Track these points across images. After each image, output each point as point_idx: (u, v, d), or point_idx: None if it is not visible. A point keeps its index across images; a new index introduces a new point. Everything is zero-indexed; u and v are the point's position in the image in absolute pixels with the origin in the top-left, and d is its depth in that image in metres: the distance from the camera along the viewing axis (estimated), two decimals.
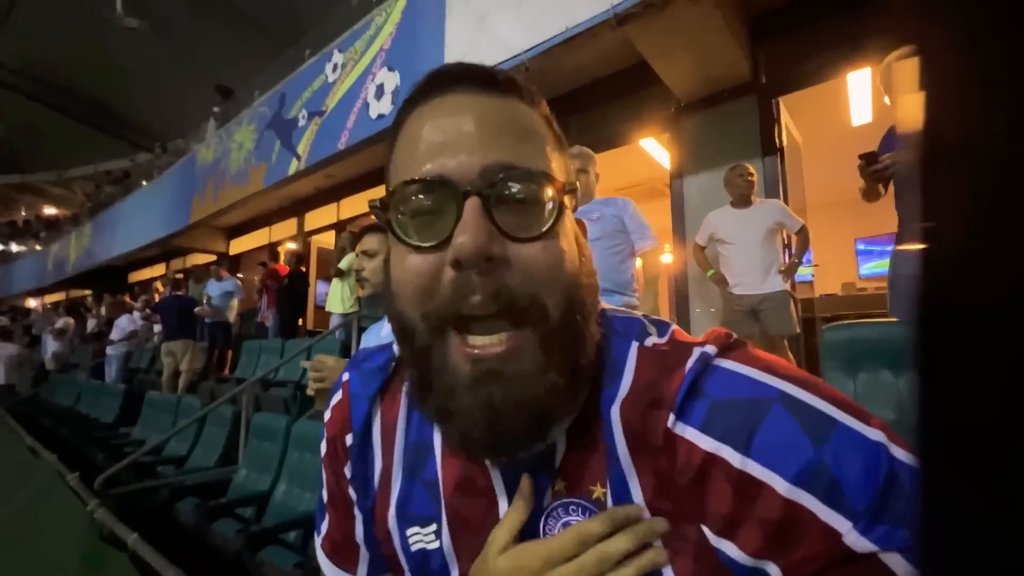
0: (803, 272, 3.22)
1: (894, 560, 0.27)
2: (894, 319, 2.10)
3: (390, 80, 4.01)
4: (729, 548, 0.31)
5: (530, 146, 0.35)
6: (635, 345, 0.38)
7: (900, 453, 0.29)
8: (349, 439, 0.45)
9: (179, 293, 5.57)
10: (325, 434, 0.48)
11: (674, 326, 0.40)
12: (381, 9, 4.22)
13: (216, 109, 7.35)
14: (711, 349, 0.35)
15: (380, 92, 4.08)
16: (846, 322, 1.80)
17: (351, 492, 0.46)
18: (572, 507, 0.37)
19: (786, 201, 3.08)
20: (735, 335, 0.37)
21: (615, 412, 0.35)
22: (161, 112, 11.73)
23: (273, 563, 1.89)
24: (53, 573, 1.71)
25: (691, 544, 0.33)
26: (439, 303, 0.33)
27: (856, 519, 0.28)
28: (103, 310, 7.98)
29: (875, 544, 0.27)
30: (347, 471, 0.45)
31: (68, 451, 3.24)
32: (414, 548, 0.42)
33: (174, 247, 8.39)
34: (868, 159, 2.00)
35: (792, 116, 3.49)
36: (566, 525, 0.36)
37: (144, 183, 9.15)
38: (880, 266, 5.77)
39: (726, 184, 2.84)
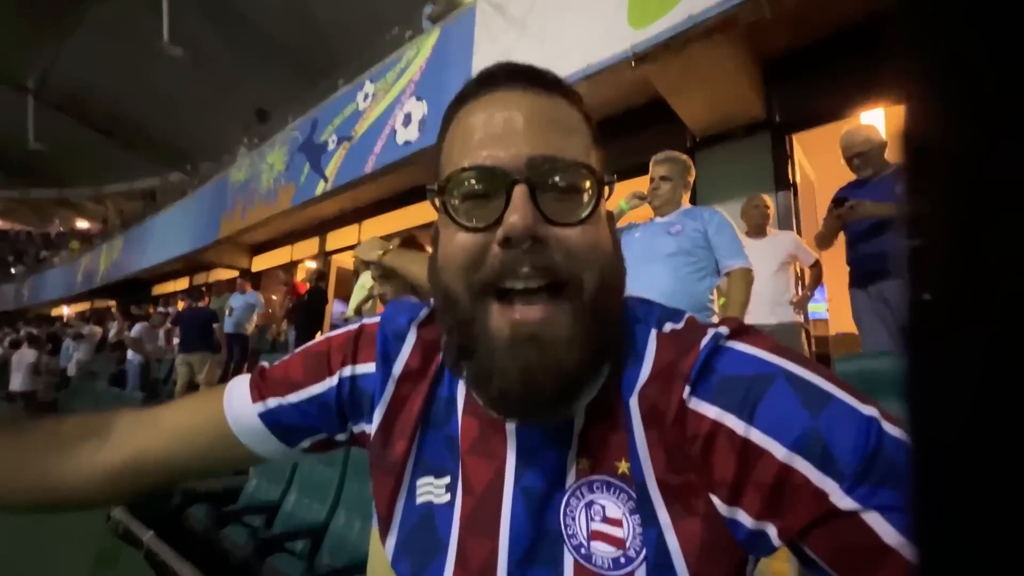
0: (817, 309, 3.23)
1: (874, 518, 0.29)
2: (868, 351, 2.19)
3: (418, 109, 4.22)
4: (740, 515, 0.33)
5: (572, 140, 0.38)
6: (654, 332, 0.40)
7: (890, 428, 0.31)
8: (380, 342, 0.46)
9: (199, 305, 5.71)
10: (357, 326, 0.49)
11: (689, 314, 0.42)
12: (412, 44, 4.47)
13: (246, 139, 7.68)
14: (724, 330, 0.38)
15: (408, 120, 4.28)
16: (856, 353, 1.82)
17: (343, 370, 0.46)
18: (596, 485, 0.38)
19: (800, 235, 3.12)
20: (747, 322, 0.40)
21: (635, 393, 0.38)
22: (196, 136, 12.30)
23: (280, 570, 1.91)
24: (70, 567, 1.75)
25: (698, 515, 0.35)
26: (485, 274, 0.36)
27: (842, 480, 0.30)
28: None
29: (857, 503, 0.29)
30: (363, 367, 0.46)
31: None
32: (420, 500, 0.42)
33: (199, 262, 8.65)
34: (837, 203, 2.17)
35: (806, 154, 3.56)
36: (590, 505, 0.37)
37: (173, 201, 9.51)
38: None
39: (742, 215, 2.86)
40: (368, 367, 0.46)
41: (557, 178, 0.36)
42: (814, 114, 3.20)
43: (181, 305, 8.36)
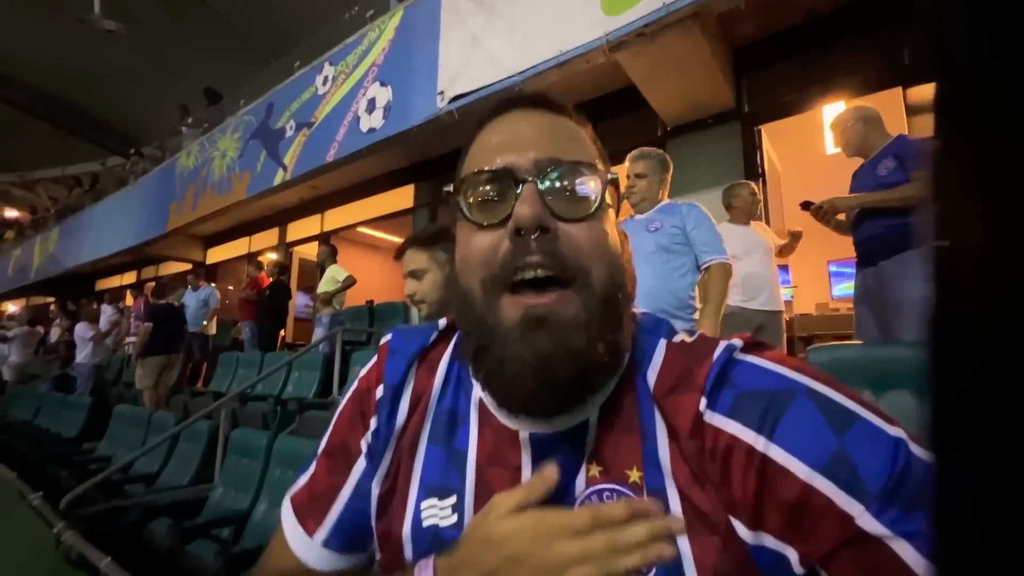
0: (784, 292, 3.32)
1: (901, 547, 0.28)
2: (857, 338, 2.25)
3: (382, 95, 4.03)
4: (765, 539, 0.32)
5: (576, 146, 0.41)
6: (663, 341, 0.41)
7: (918, 450, 0.30)
8: (380, 391, 0.46)
9: (164, 302, 5.28)
10: (355, 385, 0.49)
11: (702, 331, 0.43)
12: (375, 25, 4.26)
13: (189, 120, 7.20)
14: (737, 342, 0.38)
15: (371, 106, 4.09)
16: (828, 344, 1.87)
17: (363, 444, 0.46)
18: (607, 493, 0.37)
19: (768, 224, 3.19)
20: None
21: (650, 395, 0.38)
22: (137, 117, 11.48)
23: None
24: None
25: (718, 535, 0.34)
26: (497, 267, 0.37)
27: (869, 503, 0.29)
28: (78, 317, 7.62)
29: (885, 527, 0.28)
30: (373, 422, 0.46)
31: (27, 468, 3.06)
32: (426, 524, 0.41)
33: (147, 255, 8.14)
34: (805, 206, 2.19)
35: (772, 144, 3.64)
36: None
37: (116, 189, 8.88)
38: (850, 287, 5.97)
39: (735, 198, 2.75)
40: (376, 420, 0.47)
41: (564, 180, 0.38)
42: (781, 105, 3.26)
43: (130, 300, 7.84)
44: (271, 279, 5.41)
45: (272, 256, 6.77)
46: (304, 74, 5.02)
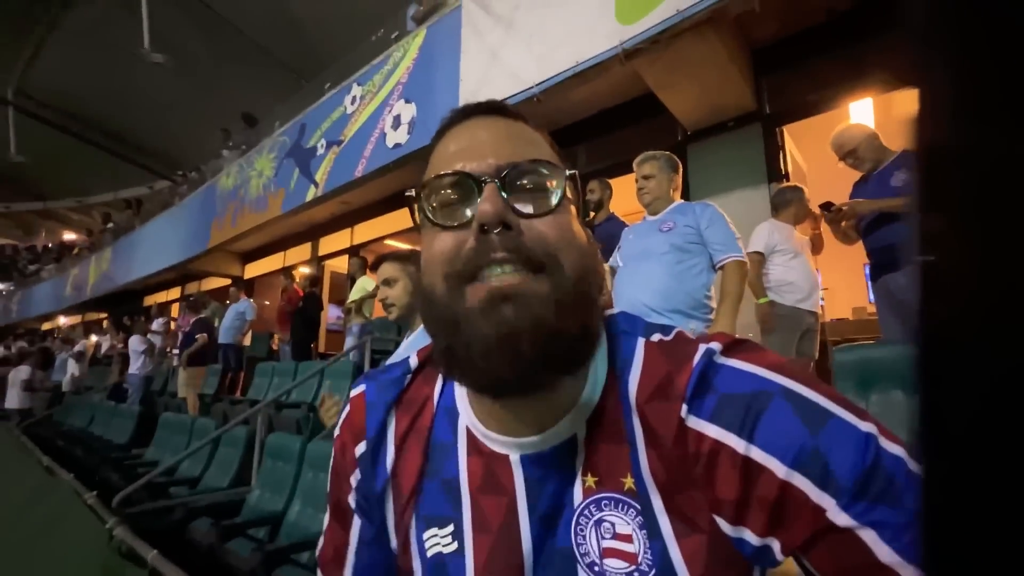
0: None
1: (868, 535, 0.30)
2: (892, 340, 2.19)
3: (407, 111, 4.18)
4: (746, 534, 0.34)
5: (534, 148, 0.42)
6: (641, 341, 0.41)
7: (888, 444, 0.32)
8: (360, 448, 0.47)
9: (202, 317, 5.60)
10: (334, 445, 0.50)
11: (679, 327, 0.43)
12: (399, 45, 4.43)
13: (232, 144, 7.60)
14: (716, 346, 0.38)
15: (397, 123, 4.25)
16: (856, 343, 1.82)
17: (351, 501, 0.47)
18: (605, 502, 0.38)
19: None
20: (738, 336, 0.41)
21: (631, 403, 0.38)
22: (181, 142, 12.15)
23: None
24: None
25: (702, 531, 0.35)
26: (461, 263, 0.37)
27: (840, 496, 0.31)
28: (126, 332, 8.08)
29: (854, 519, 0.30)
30: (353, 480, 0.47)
31: (83, 471, 3.27)
32: (430, 553, 0.42)
33: (190, 271, 8.56)
34: (825, 207, 2.17)
35: (797, 144, 3.58)
36: (599, 523, 0.38)
37: (160, 210, 9.41)
38: None
39: (791, 201, 2.67)
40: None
41: (524, 180, 0.39)
42: (804, 104, 3.21)
43: (176, 314, 8.26)
44: (303, 291, 5.63)
45: (304, 270, 7.02)
46: (334, 95, 5.26)
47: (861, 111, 3.75)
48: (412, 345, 1.39)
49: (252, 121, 7.76)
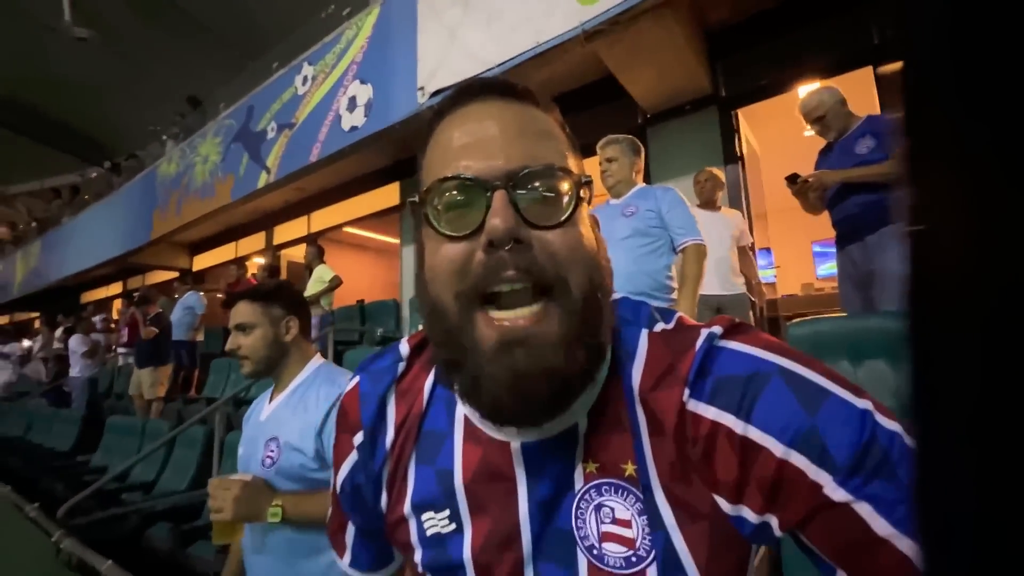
0: (766, 274, 3.40)
1: (865, 509, 0.30)
2: (845, 313, 2.30)
3: (363, 93, 4.02)
4: (745, 512, 0.35)
5: (547, 145, 0.39)
6: (644, 332, 0.41)
7: (883, 420, 0.32)
8: (358, 438, 0.47)
9: (160, 312, 5.21)
10: (335, 431, 0.51)
11: (679, 312, 0.43)
12: (352, 23, 4.23)
13: (174, 129, 7.11)
14: (717, 330, 0.38)
15: (353, 104, 4.08)
16: (807, 318, 1.92)
17: (352, 479, 0.48)
18: (605, 487, 0.39)
19: (748, 206, 3.25)
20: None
21: (635, 393, 0.39)
22: (116, 127, 11.27)
23: None
24: None
25: (704, 517, 0.36)
26: (472, 281, 0.36)
27: (836, 473, 0.31)
28: (57, 332, 7.53)
29: (850, 494, 0.31)
30: (354, 456, 0.48)
31: (21, 482, 3.04)
32: (429, 533, 0.43)
33: (132, 264, 8.04)
34: (791, 180, 2.22)
35: (751, 126, 3.69)
36: (599, 507, 0.38)
37: (95, 200, 8.75)
38: (834, 267, 6.12)
39: (696, 186, 2.89)
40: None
41: (535, 183, 0.37)
42: (757, 88, 3.30)
43: (116, 313, 7.76)
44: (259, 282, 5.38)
45: (259, 260, 6.73)
46: (283, 75, 4.98)
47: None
48: (284, 407, 1.15)
49: (196, 103, 7.28)
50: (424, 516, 0.43)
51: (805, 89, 3.47)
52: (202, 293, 5.98)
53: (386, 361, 0.49)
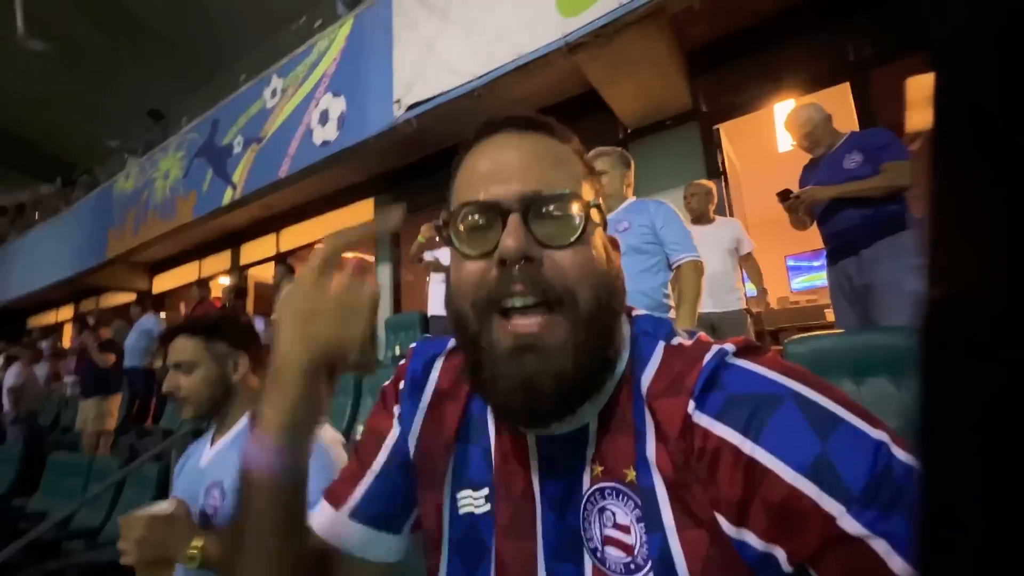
0: (751, 288, 3.36)
1: (880, 545, 0.29)
2: (840, 329, 2.26)
3: (335, 106, 3.89)
4: (748, 536, 0.34)
5: (562, 171, 0.42)
6: (661, 344, 0.42)
7: (900, 452, 0.31)
8: (403, 384, 0.51)
9: (111, 338, 4.83)
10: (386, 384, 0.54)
11: (701, 332, 0.44)
12: (324, 35, 4.12)
13: (133, 144, 6.79)
14: (730, 347, 0.39)
15: (325, 118, 3.94)
16: (806, 335, 1.86)
17: (394, 423, 0.50)
18: (608, 491, 0.40)
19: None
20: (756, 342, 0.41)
21: (643, 397, 0.40)
22: (73, 141, 10.77)
23: None
24: None
25: (703, 527, 0.36)
26: (485, 293, 0.39)
27: (850, 504, 0.30)
28: None
29: (865, 527, 0.29)
30: (397, 408, 0.51)
31: None
32: (462, 511, 0.45)
33: (85, 286, 7.57)
34: (783, 196, 2.20)
35: (730, 141, 3.71)
36: (602, 511, 0.40)
37: (45, 218, 8.25)
38: (808, 280, 6.24)
39: (686, 201, 2.82)
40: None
41: (548, 207, 0.40)
42: (735, 104, 3.32)
43: (67, 340, 7.25)
44: (226, 305, 5.08)
45: (225, 280, 6.41)
46: (250, 88, 4.81)
47: (784, 111, 3.97)
48: (230, 450, 1.02)
49: (159, 116, 6.99)
50: (461, 494, 0.46)
51: (782, 105, 3.53)
52: (162, 315, 5.63)
53: (439, 346, 0.53)
